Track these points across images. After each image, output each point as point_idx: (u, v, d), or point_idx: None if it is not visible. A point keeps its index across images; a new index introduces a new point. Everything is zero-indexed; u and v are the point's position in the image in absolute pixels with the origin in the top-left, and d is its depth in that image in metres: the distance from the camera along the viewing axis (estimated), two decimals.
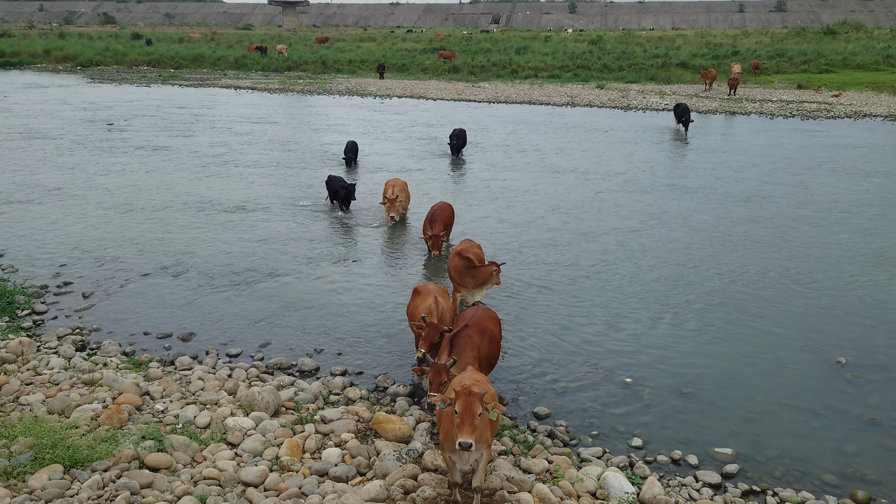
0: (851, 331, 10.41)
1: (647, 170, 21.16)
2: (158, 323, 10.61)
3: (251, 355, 9.68)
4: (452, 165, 21.90)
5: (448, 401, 5.57)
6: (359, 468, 6.83)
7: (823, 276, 12.53)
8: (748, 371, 9.30)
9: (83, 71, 55.11)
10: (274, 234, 14.86)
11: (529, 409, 8.44)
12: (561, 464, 7.05)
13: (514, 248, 14.00)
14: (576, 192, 18.54)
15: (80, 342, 9.78)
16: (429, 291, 8.89)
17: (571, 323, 10.69)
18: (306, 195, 18.09)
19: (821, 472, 7.30)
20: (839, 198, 17.83)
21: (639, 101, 36.89)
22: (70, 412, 7.39)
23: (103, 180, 19.23)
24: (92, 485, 5.94)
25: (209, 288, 11.92)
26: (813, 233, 14.99)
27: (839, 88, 40.19)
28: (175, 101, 36.64)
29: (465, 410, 5.37)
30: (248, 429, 7.41)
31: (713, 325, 10.61)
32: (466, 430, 5.33)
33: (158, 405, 7.88)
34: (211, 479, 6.38)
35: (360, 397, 8.50)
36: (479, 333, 7.76)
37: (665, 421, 8.21)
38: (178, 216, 16.01)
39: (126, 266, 12.83)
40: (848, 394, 8.76)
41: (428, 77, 50.35)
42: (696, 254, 13.71)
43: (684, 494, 6.83)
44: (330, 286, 12.08)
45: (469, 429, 5.33)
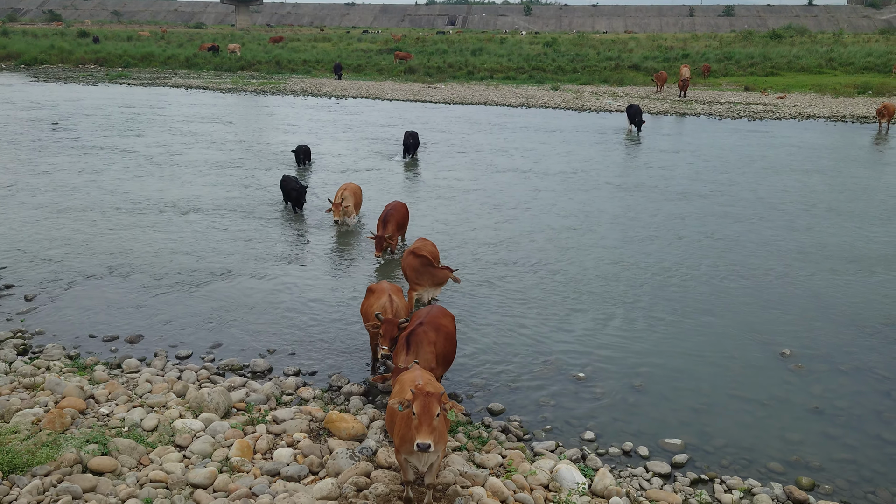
0: (794, 323, 10.72)
1: (599, 169, 21.47)
2: (105, 325, 10.33)
3: (202, 357, 9.50)
4: (405, 166, 21.88)
5: (405, 403, 5.52)
6: (311, 467, 6.75)
7: (766, 270, 12.89)
8: (697, 364, 9.49)
9: (27, 69, 53.46)
10: (225, 234, 14.62)
11: (484, 406, 8.47)
12: (514, 458, 7.08)
13: (466, 247, 14.04)
14: (528, 191, 18.69)
15: (22, 346, 9.46)
16: (383, 290, 8.85)
17: (523, 320, 10.76)
18: (259, 196, 17.85)
19: (767, 459, 7.48)
20: (777, 196, 18.38)
21: (592, 102, 37.39)
22: (10, 417, 7.13)
23: (48, 181, 18.66)
24: (32, 490, 5.74)
25: (158, 289, 11.66)
26: (751, 229, 15.42)
27: (784, 90, 41.38)
28: (123, 101, 35.80)
29: (423, 411, 5.33)
30: (196, 430, 7.26)
31: (662, 321, 10.80)
32: (425, 430, 5.28)
33: (104, 409, 7.66)
34: (158, 482, 6.23)
35: (314, 397, 8.41)
36: (435, 330, 7.75)
37: (617, 414, 8.33)
38: (126, 217, 15.64)
39: (71, 268, 12.47)
40: (792, 384, 9.01)
41: (384, 78, 50.21)
42: (643, 250, 13.97)
43: (635, 485, 6.93)
44: (283, 286, 11.93)
45: (428, 429, 5.28)
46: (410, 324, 7.83)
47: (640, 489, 6.86)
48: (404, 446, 5.60)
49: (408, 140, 22.42)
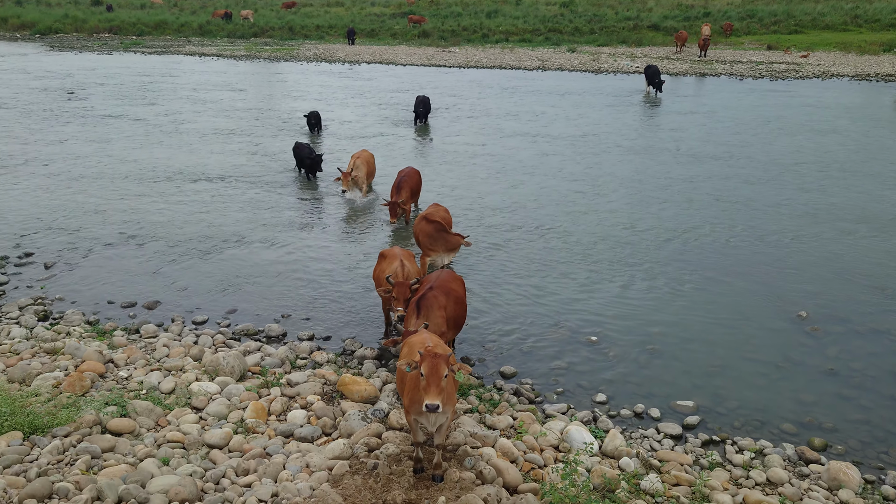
0: (812, 285, 10.62)
1: (609, 132, 21.23)
2: (123, 292, 10.46)
3: (217, 322, 9.61)
4: (416, 131, 21.73)
5: (413, 364, 5.56)
6: (324, 429, 6.85)
7: (782, 232, 12.76)
8: (711, 327, 9.45)
9: (42, 39, 53.47)
10: (239, 201, 14.68)
11: (496, 369, 8.51)
12: (525, 420, 7.13)
13: (479, 211, 14.00)
14: (548, 155, 18.54)
15: (43, 312, 9.62)
16: (394, 255, 8.87)
17: (537, 284, 10.75)
18: (271, 163, 17.86)
19: (779, 421, 7.48)
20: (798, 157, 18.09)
21: (610, 64, 36.79)
22: (31, 380, 7.29)
23: (64, 150, 18.79)
24: (52, 450, 5.89)
25: (174, 256, 11.77)
26: (770, 191, 15.23)
27: (808, 49, 40.43)
28: (137, 69, 35.77)
29: (431, 372, 5.37)
30: (212, 393, 7.38)
31: (677, 283, 10.75)
32: (433, 392, 5.32)
33: (122, 372, 7.80)
34: (175, 442, 6.37)
35: (328, 361, 8.49)
36: (445, 295, 7.75)
37: (629, 377, 8.34)
38: (142, 185, 15.74)
39: (89, 236, 12.60)
40: (808, 346, 8.96)
41: (398, 42, 49.66)
42: (653, 213, 13.86)
43: (646, 446, 6.97)
44: (297, 253, 11.99)
45: (436, 391, 5.33)
46: (421, 288, 7.85)
47: (651, 450, 6.90)
48: (413, 407, 5.66)
49: (418, 107, 22.22)
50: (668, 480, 6.30)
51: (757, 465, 6.68)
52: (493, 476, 5.97)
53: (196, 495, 5.51)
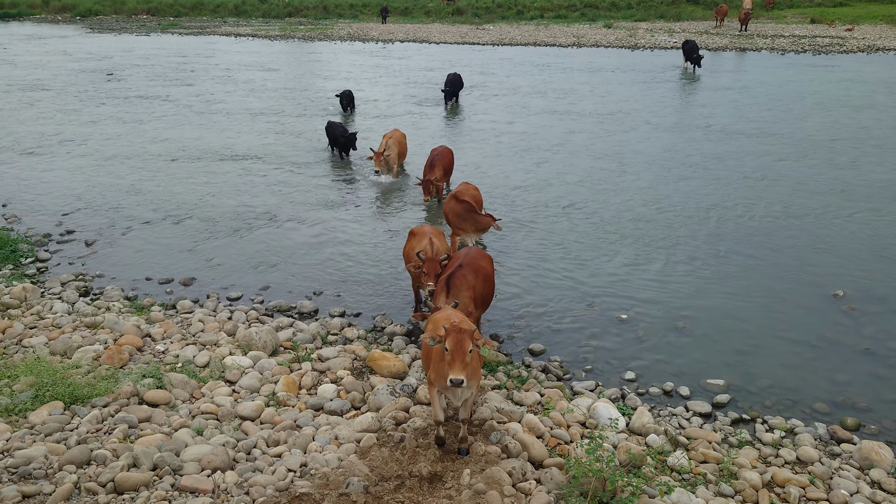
0: (850, 264, 10.39)
1: (661, 110, 20.91)
2: (160, 269, 10.72)
3: (251, 298, 9.79)
4: (451, 110, 21.65)
5: (438, 338, 5.60)
6: (353, 402, 6.97)
7: (820, 210, 12.49)
8: (744, 305, 9.33)
9: (82, 21, 54.41)
10: (273, 180, 14.85)
11: (524, 346, 8.53)
12: (553, 396, 7.15)
13: (511, 188, 13.96)
14: (589, 134, 18.36)
15: (84, 288, 9.91)
16: (424, 233, 8.91)
17: (566, 262, 10.71)
18: (304, 142, 18.00)
19: (812, 400, 7.37)
20: (838, 134, 17.62)
21: (647, 39, 36.12)
22: (72, 353, 7.54)
23: (103, 130, 19.20)
24: (91, 419, 6.10)
25: (210, 234, 11.99)
26: (808, 168, 14.89)
27: (853, 22, 39.15)
28: (175, 50, 36.23)
29: (456, 347, 5.40)
30: (245, 367, 7.55)
31: (710, 261, 10.61)
32: (458, 366, 5.36)
33: (159, 346, 8.02)
34: (209, 414, 6.54)
35: (358, 337, 8.60)
36: (474, 273, 7.75)
37: (658, 355, 8.29)
38: (179, 165, 16.02)
39: (127, 214, 12.90)
40: (844, 325, 8.79)
41: (431, 20, 49.41)
42: (690, 191, 13.65)
43: (674, 423, 6.94)
44: (329, 231, 12.12)
45: (460, 365, 5.37)
46: (450, 266, 7.86)
47: (679, 428, 6.87)
48: (438, 380, 5.72)
49: (447, 86, 21.98)
50: (695, 458, 6.29)
51: (787, 443, 6.62)
52: (519, 450, 6.02)
53: (228, 464, 5.67)
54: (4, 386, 6.57)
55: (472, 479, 5.52)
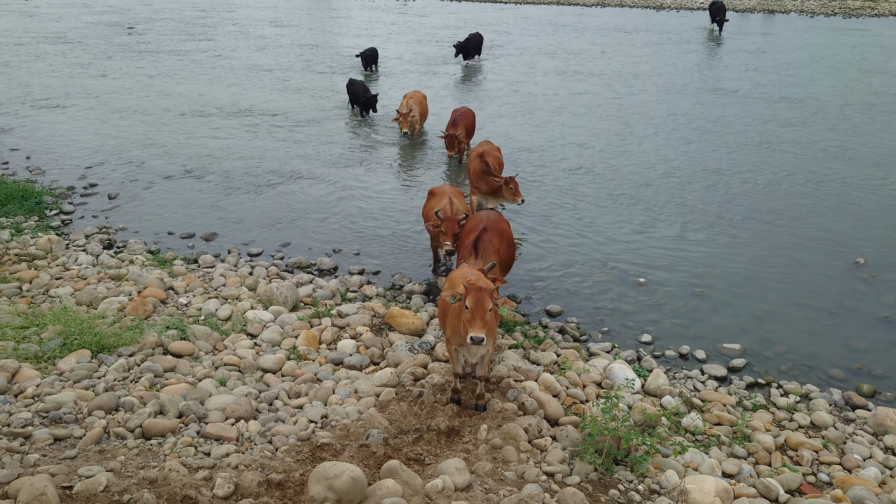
0: (872, 231, 10.30)
1: (674, 72, 20.58)
2: (182, 223, 10.83)
3: (271, 255, 9.89)
4: (472, 69, 21.40)
5: (458, 296, 5.65)
6: (372, 358, 7.08)
7: (843, 177, 12.33)
8: (763, 271, 9.30)
9: None
10: (294, 138, 14.86)
11: (542, 307, 8.59)
12: (569, 357, 7.22)
13: (530, 151, 13.88)
14: (596, 96, 18.15)
15: (107, 240, 10.06)
16: (443, 192, 8.92)
17: (587, 225, 10.70)
18: (325, 101, 17.93)
19: (828, 367, 7.40)
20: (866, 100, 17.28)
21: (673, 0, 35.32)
22: (97, 304, 7.70)
23: (124, 84, 19.22)
24: (118, 367, 6.26)
25: (231, 190, 12.06)
26: (834, 134, 14.66)
27: None
28: (195, 5, 35.97)
29: (476, 306, 5.45)
30: (266, 321, 7.67)
31: (728, 226, 10.56)
32: (478, 325, 5.42)
33: (182, 299, 8.16)
34: (231, 366, 6.68)
35: (377, 294, 8.69)
36: (498, 237, 7.74)
37: (676, 319, 8.32)
38: (200, 120, 16.05)
39: (150, 169, 12.99)
40: (863, 293, 8.76)
41: None
42: (713, 155, 13.52)
43: (689, 386, 7.00)
44: (349, 189, 12.15)
45: (480, 324, 5.42)
46: (474, 229, 7.79)
47: (694, 390, 6.93)
48: (455, 338, 5.79)
49: (465, 46, 21.56)
50: (709, 420, 6.35)
51: (801, 408, 6.66)
52: (535, 408, 6.11)
53: (251, 414, 5.81)
54: (33, 334, 6.74)
55: (489, 434, 5.62)
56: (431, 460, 5.27)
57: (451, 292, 5.74)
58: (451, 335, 5.85)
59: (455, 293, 5.69)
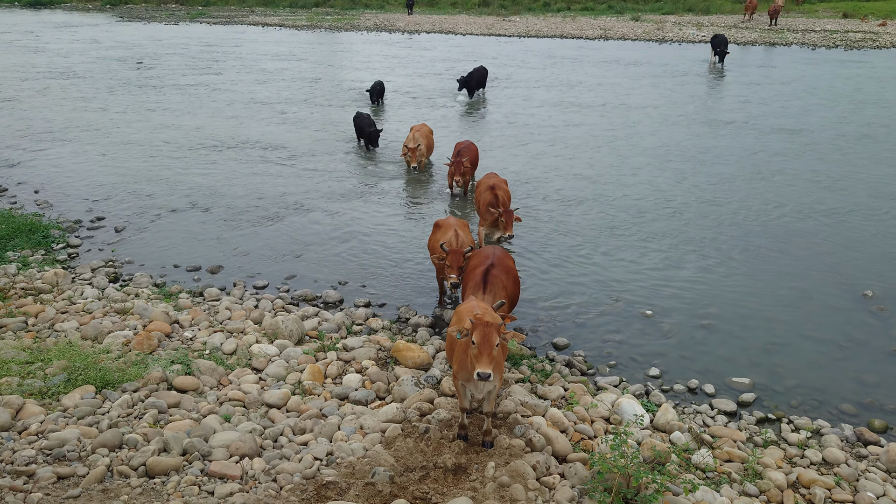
0: (880, 264, 10.24)
1: (674, 104, 20.71)
2: (188, 256, 10.85)
3: (277, 287, 9.88)
4: (476, 101, 21.58)
5: (464, 331, 5.62)
6: (378, 393, 7.03)
7: (854, 209, 12.30)
8: (771, 303, 9.24)
9: (112, 10, 55.02)
10: (299, 171, 14.95)
11: (549, 340, 8.53)
12: (577, 391, 7.15)
13: (536, 182, 13.92)
14: (599, 127, 18.25)
15: (113, 274, 10.07)
16: (449, 225, 8.94)
17: (593, 257, 10.68)
18: (331, 133, 18.08)
19: (839, 401, 7.30)
20: (872, 132, 17.31)
21: (675, 33, 35.72)
22: (102, 338, 7.68)
23: (133, 118, 19.44)
24: (122, 403, 6.22)
25: (237, 223, 12.11)
26: (839, 166, 14.68)
27: (887, 17, 38.36)
28: (203, 40, 36.51)
29: (483, 341, 5.41)
30: (272, 355, 7.64)
31: (737, 258, 10.52)
32: (485, 360, 5.37)
33: (187, 333, 8.14)
34: (236, 401, 6.64)
35: (383, 327, 8.66)
36: (505, 273, 7.73)
37: (684, 352, 8.24)
38: (207, 154, 16.18)
39: (157, 202, 13.07)
40: (872, 326, 8.68)
41: (458, 11, 49.27)
42: (718, 187, 13.52)
43: (699, 421, 6.91)
44: (355, 221, 12.19)
45: (487, 359, 5.37)
46: (480, 264, 7.77)
47: (704, 425, 6.84)
48: (461, 373, 5.75)
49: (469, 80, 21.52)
50: (719, 456, 6.26)
51: (813, 444, 6.56)
52: (543, 444, 6.04)
53: (255, 451, 5.76)
54: (38, 369, 6.72)
55: (496, 471, 5.55)
56: (438, 499, 5.20)
57: (458, 327, 5.71)
58: (457, 370, 5.81)
59: (462, 328, 5.65)
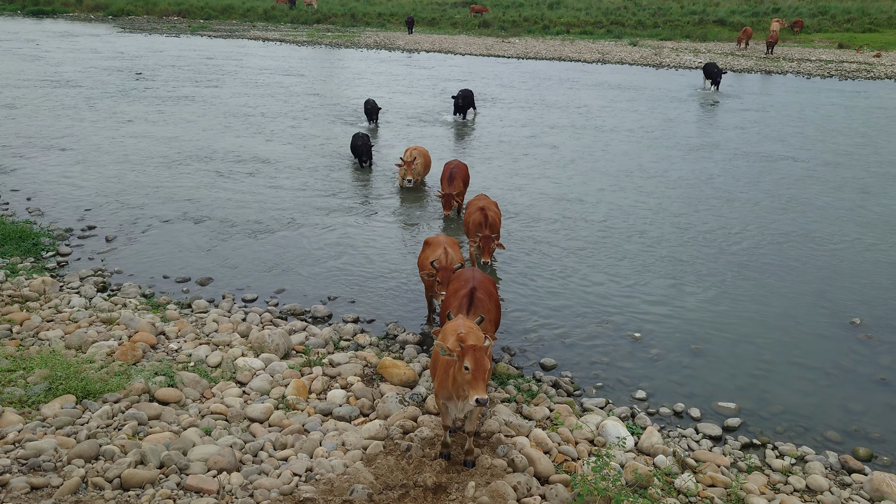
0: (868, 292, 10.27)
1: (668, 129, 20.83)
2: (178, 267, 10.82)
3: (266, 301, 9.86)
4: (465, 123, 21.60)
5: (449, 351, 5.54)
6: (362, 409, 6.99)
7: (842, 237, 12.36)
8: (759, 329, 9.24)
9: (114, 20, 55.27)
10: (292, 185, 14.96)
11: (536, 360, 8.51)
12: (562, 412, 7.13)
13: (527, 203, 13.95)
14: (593, 150, 18.32)
15: (102, 283, 10.03)
16: (439, 243, 8.94)
17: (582, 279, 10.68)
18: (326, 149, 18.12)
19: (824, 428, 7.29)
20: (861, 161, 17.45)
21: (672, 58, 36.02)
22: (86, 348, 7.63)
23: (129, 129, 19.45)
24: (102, 414, 6.17)
25: (228, 235, 12.10)
26: (829, 194, 14.76)
27: (881, 48, 38.77)
28: (203, 53, 36.67)
29: (477, 367, 5.30)
30: (257, 369, 7.60)
31: (727, 284, 10.53)
32: (481, 386, 5.26)
33: (173, 344, 8.09)
34: (218, 414, 6.59)
35: (370, 343, 8.63)
36: (488, 297, 7.67)
37: (671, 375, 8.23)
38: (201, 166, 16.19)
39: (148, 213, 13.05)
40: (860, 354, 8.69)
41: (458, 32, 49.61)
42: (709, 212, 13.57)
43: (683, 445, 6.89)
44: (346, 237, 12.18)
45: (482, 385, 5.28)
46: (462, 287, 7.71)
47: (688, 449, 6.81)
48: (442, 391, 5.70)
49: (458, 101, 21.54)
50: (702, 481, 6.22)
51: (797, 471, 6.54)
52: (525, 465, 6.00)
53: (234, 465, 5.70)
54: (19, 377, 6.66)
55: (476, 491, 5.50)
56: None
57: (445, 345, 5.65)
58: (439, 388, 5.77)
59: (446, 347, 5.60)
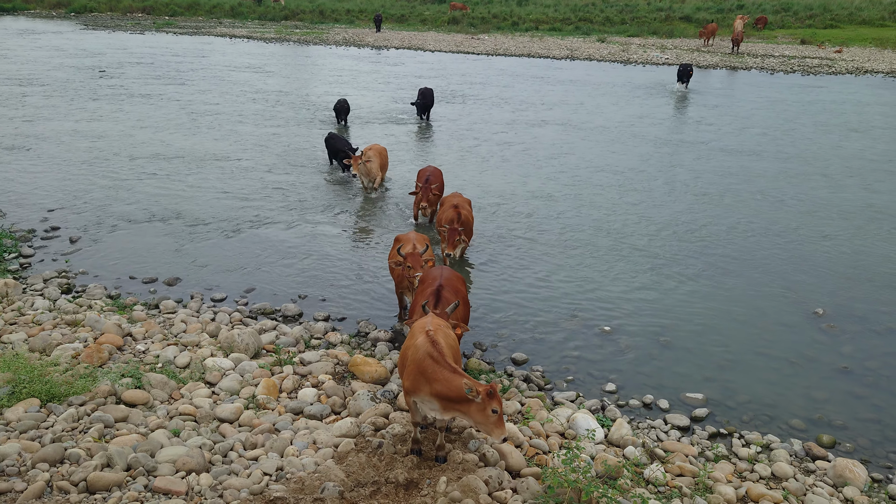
0: (831, 282, 10.50)
1: (634, 124, 21.06)
2: (144, 268, 10.67)
3: (235, 300, 9.76)
4: (440, 120, 21.65)
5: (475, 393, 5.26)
6: (333, 407, 6.96)
7: (804, 229, 12.62)
8: (725, 321, 9.40)
9: (77, 17, 54.22)
10: (262, 184, 14.83)
11: (507, 355, 8.55)
12: (533, 406, 7.18)
13: (498, 200, 14.00)
14: (562, 147, 18.45)
15: (66, 285, 9.85)
16: (409, 239, 8.93)
17: (552, 274, 10.76)
18: (295, 147, 17.99)
19: (788, 417, 7.44)
20: (824, 154, 17.83)
21: (639, 55, 36.40)
22: (51, 350, 7.49)
23: (93, 128, 19.11)
24: (67, 417, 6.06)
25: (196, 235, 11.95)
26: (794, 187, 15.07)
27: (843, 44, 39.61)
28: (169, 50, 36.14)
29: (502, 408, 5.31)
30: (226, 369, 7.52)
31: (694, 277, 10.69)
32: (504, 427, 5.27)
33: (140, 346, 7.98)
34: (186, 415, 6.51)
35: (341, 342, 8.59)
36: (455, 294, 7.67)
37: (640, 367, 8.34)
38: (167, 165, 15.96)
39: (114, 212, 12.83)
40: (823, 343, 8.88)
41: (427, 28, 49.58)
42: (676, 206, 13.76)
43: (652, 436, 6.98)
44: (316, 236, 12.11)
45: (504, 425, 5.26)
46: (430, 284, 7.69)
47: (657, 440, 6.91)
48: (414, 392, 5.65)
49: (418, 98, 21.25)
50: (671, 471, 6.32)
51: (763, 459, 6.67)
52: (497, 459, 6.03)
53: (203, 466, 5.65)
54: None
55: (448, 486, 5.52)
56: None
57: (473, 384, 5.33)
58: (409, 387, 5.73)
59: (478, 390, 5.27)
